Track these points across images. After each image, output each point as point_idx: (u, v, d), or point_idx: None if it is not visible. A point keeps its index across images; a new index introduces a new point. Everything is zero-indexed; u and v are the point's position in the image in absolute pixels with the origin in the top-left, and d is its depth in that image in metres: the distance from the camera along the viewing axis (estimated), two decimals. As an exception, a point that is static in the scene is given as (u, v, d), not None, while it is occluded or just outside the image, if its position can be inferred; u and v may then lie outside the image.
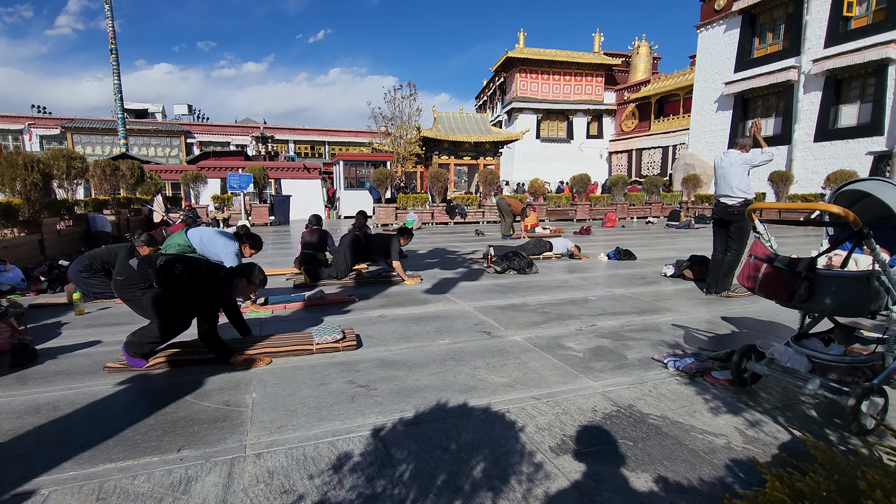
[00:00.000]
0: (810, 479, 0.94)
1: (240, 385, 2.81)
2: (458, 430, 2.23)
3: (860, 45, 16.50)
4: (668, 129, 27.55)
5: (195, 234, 4.73)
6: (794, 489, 0.92)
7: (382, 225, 16.18)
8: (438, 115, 21.88)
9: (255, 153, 26.07)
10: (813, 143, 18.37)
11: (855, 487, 0.87)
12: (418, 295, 5.29)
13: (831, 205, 2.13)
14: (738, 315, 4.39)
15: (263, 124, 36.09)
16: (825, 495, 0.89)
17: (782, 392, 2.68)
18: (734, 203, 4.93)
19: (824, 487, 0.90)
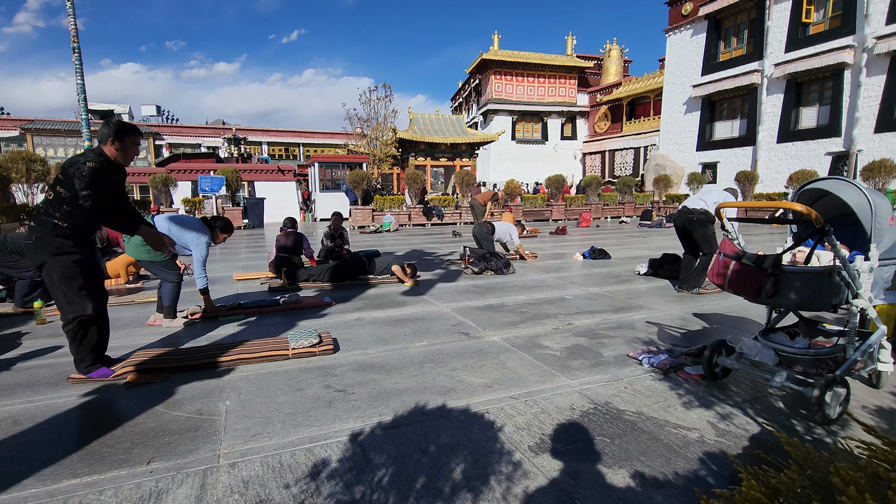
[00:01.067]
0: (785, 476, 0.96)
1: (213, 393, 2.73)
2: (437, 432, 2.22)
3: (818, 49, 17.23)
4: (640, 131, 28.18)
5: (163, 222, 4.31)
6: (769, 487, 0.94)
7: (359, 227, 16.04)
8: (414, 117, 21.85)
9: (228, 155, 25.49)
10: (776, 143, 19.07)
11: (828, 483, 0.89)
12: (396, 297, 5.26)
13: (794, 203, 2.21)
14: (708, 311, 4.52)
15: (236, 126, 35.33)
16: (799, 492, 0.91)
17: (751, 385, 2.76)
18: (696, 207, 5.06)
19: (798, 484, 0.93)
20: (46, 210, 2.76)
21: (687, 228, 5.14)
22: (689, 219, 5.11)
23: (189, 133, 35.36)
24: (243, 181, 19.07)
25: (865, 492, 0.80)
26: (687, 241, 5.29)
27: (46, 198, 2.82)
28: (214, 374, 3.02)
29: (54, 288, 2.79)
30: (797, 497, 0.90)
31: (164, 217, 4.34)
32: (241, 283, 6.23)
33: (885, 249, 2.46)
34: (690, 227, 5.10)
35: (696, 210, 5.05)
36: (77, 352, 2.89)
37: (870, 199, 2.36)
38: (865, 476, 0.88)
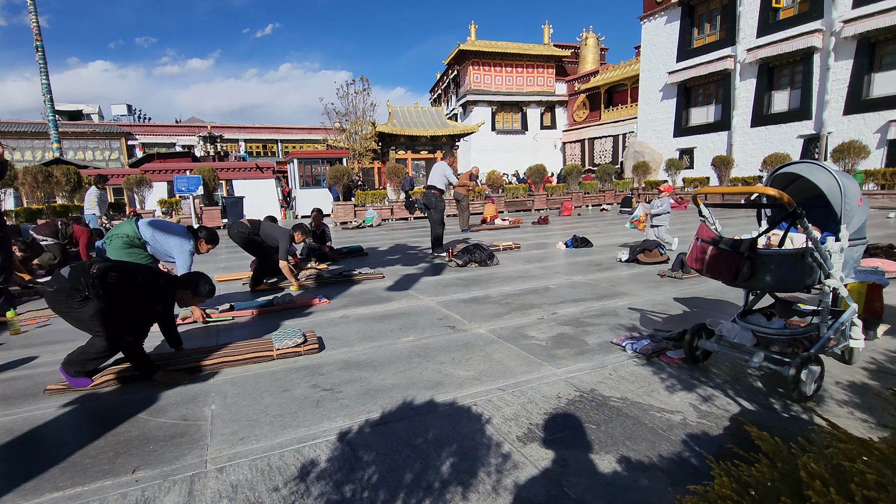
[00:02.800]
0: (755, 470, 0.99)
1: (197, 397, 2.69)
2: (425, 427, 2.23)
3: (789, 34, 17.58)
4: (618, 119, 28.44)
5: (147, 227, 4.18)
6: (741, 482, 0.97)
7: (341, 223, 15.91)
8: (393, 110, 21.68)
9: (204, 154, 24.97)
10: (750, 128, 19.46)
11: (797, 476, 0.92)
12: (381, 293, 5.25)
13: (768, 188, 2.26)
14: (688, 295, 4.61)
15: (211, 123, 34.58)
16: (769, 485, 0.93)
17: (731, 366, 2.84)
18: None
19: (768, 477, 0.95)
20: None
21: None
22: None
23: (163, 132, 34.51)
24: (221, 180, 18.72)
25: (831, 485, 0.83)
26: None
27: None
28: (199, 378, 2.98)
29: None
30: (767, 491, 0.92)
31: (146, 222, 4.22)
32: (224, 285, 6.14)
33: (855, 230, 2.53)
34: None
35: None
36: (81, 359, 2.82)
37: (839, 181, 2.42)
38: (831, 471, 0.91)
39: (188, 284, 3.16)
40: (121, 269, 2.96)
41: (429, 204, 7.88)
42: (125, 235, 4.09)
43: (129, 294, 2.89)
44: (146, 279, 2.99)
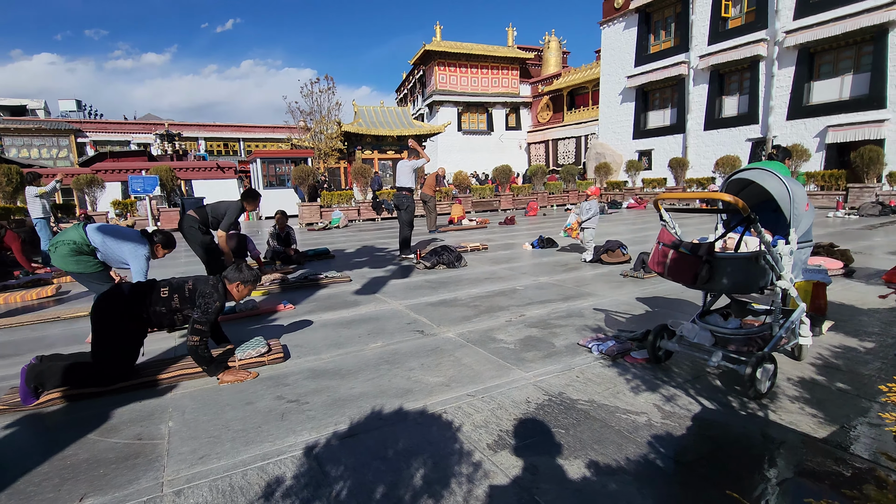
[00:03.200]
0: None
1: (154, 414, 2.56)
2: (395, 438, 2.20)
3: (737, 42, 18.45)
4: (580, 120, 29.09)
5: (96, 233, 3.92)
6: None
7: (307, 225, 15.58)
8: (359, 109, 21.41)
9: (161, 152, 23.92)
10: (703, 131, 20.31)
11: None
12: (348, 297, 5.16)
13: (724, 194, 2.35)
14: (649, 295, 4.75)
15: (168, 121, 33.15)
16: None
17: (692, 366, 2.94)
18: None
19: None
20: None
21: None
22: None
23: (116, 129, 32.83)
24: (179, 180, 17.97)
25: None
26: None
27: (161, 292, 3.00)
28: (155, 393, 2.84)
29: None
30: None
31: (95, 228, 3.95)
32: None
33: (802, 233, 2.67)
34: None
35: None
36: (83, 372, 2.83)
37: (788, 187, 2.55)
38: None
39: (235, 277, 3.14)
40: (171, 284, 3.05)
41: (399, 205, 7.82)
42: (72, 242, 3.82)
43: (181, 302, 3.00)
44: (196, 284, 3.05)
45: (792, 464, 1.89)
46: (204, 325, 2.89)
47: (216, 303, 2.97)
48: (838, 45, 15.84)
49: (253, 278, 3.19)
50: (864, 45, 15.31)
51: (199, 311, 2.91)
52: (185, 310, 3.00)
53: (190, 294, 2.99)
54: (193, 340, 2.85)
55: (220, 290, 3.03)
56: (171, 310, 2.97)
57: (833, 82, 16.29)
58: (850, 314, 3.81)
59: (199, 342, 2.86)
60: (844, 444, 2.02)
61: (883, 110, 14.76)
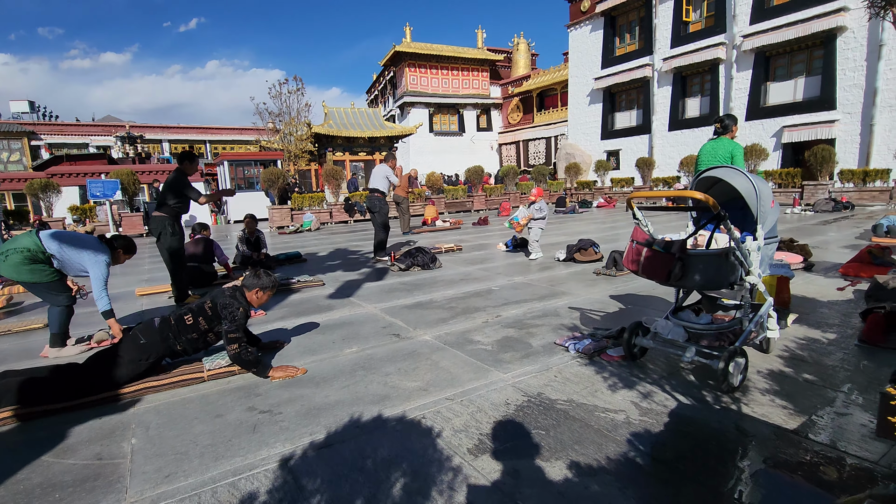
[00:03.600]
0: None
1: (115, 432, 2.42)
2: (373, 447, 2.14)
3: (697, 46, 19.07)
4: (550, 121, 29.50)
5: (52, 240, 3.68)
6: None
7: (277, 228, 15.23)
8: (329, 111, 21.11)
9: (122, 155, 23.00)
10: (668, 132, 20.91)
11: None
12: (321, 301, 5.04)
13: (696, 192, 2.39)
14: (622, 293, 4.82)
15: (129, 122, 31.88)
16: None
17: (666, 362, 2.98)
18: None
19: None
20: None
21: None
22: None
23: (73, 131, 31.41)
24: (142, 184, 17.30)
25: None
26: None
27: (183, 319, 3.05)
28: (116, 408, 2.69)
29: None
30: None
31: (50, 234, 3.71)
32: (147, 299, 5.64)
33: (768, 229, 2.75)
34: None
35: None
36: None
37: (755, 184, 2.61)
38: None
39: (254, 284, 3.17)
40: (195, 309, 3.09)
41: (372, 208, 7.70)
42: (25, 250, 3.58)
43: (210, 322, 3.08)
44: (220, 299, 3.07)
45: (766, 456, 1.93)
46: (236, 331, 2.96)
47: (240, 308, 3.04)
48: (792, 48, 16.57)
49: (272, 284, 3.23)
50: (816, 49, 16.07)
51: (227, 321, 2.97)
52: (214, 328, 3.08)
53: (213, 311, 3.06)
54: (233, 349, 2.92)
55: (238, 298, 3.09)
56: (202, 332, 3.06)
57: (788, 84, 17.03)
58: (812, 307, 3.96)
59: (239, 347, 2.93)
60: (814, 434, 2.08)
61: (833, 111, 15.52)
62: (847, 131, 15.35)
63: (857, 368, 2.73)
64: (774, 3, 16.79)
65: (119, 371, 2.82)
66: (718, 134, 4.84)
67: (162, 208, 5.08)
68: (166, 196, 5.06)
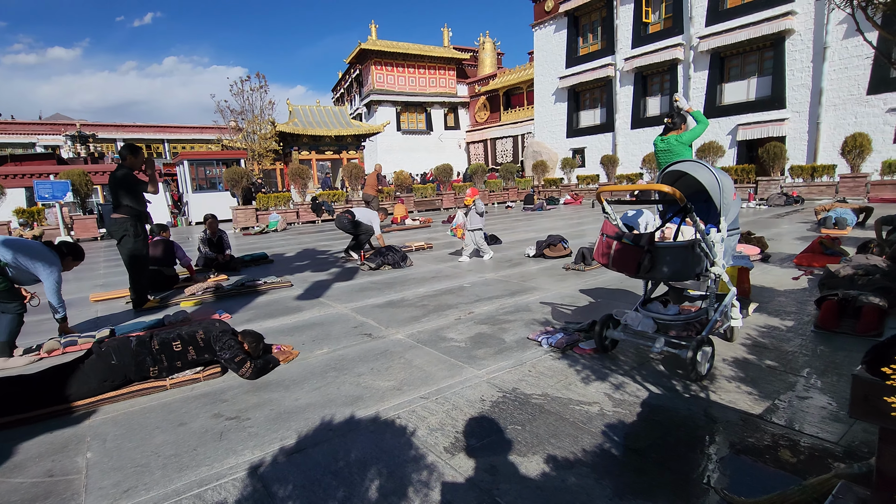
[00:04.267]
0: None
1: (67, 446, 2.27)
2: (346, 449, 2.08)
3: (657, 46, 19.65)
4: (517, 120, 29.80)
5: (5, 249, 3.51)
6: None
7: (242, 229, 14.79)
8: (294, 109, 20.64)
9: (73, 155, 21.81)
10: (630, 130, 21.46)
11: None
12: (290, 303, 4.91)
13: (663, 185, 2.44)
14: (591, 287, 4.90)
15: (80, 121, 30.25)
16: None
17: (636, 353, 3.03)
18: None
19: None
20: None
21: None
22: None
23: (17, 130, 29.65)
24: (95, 185, 16.45)
25: None
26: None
27: None
28: (69, 421, 2.52)
29: None
30: None
31: (1, 242, 3.49)
32: (102, 305, 5.35)
33: (731, 221, 2.83)
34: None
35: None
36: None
37: (718, 178, 2.69)
38: None
39: (251, 339, 3.15)
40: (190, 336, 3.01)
41: (344, 229, 7.48)
42: None
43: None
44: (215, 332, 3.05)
45: (733, 440, 1.98)
46: (238, 353, 2.93)
47: (236, 336, 3.07)
48: (745, 50, 17.29)
49: (257, 341, 3.14)
50: (767, 51, 16.82)
51: (228, 352, 2.93)
52: (201, 359, 2.99)
53: (205, 343, 2.98)
54: (246, 369, 2.90)
55: (229, 332, 3.07)
56: (188, 362, 2.96)
57: (741, 84, 17.76)
58: (770, 296, 4.13)
59: (251, 367, 2.91)
60: (778, 418, 2.15)
61: (783, 110, 16.29)
62: (796, 129, 16.14)
63: (814, 353, 2.86)
64: (728, 6, 17.46)
65: (81, 389, 2.65)
66: (668, 130, 4.97)
67: (119, 209, 4.83)
68: (119, 196, 4.83)
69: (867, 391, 1.07)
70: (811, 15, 15.30)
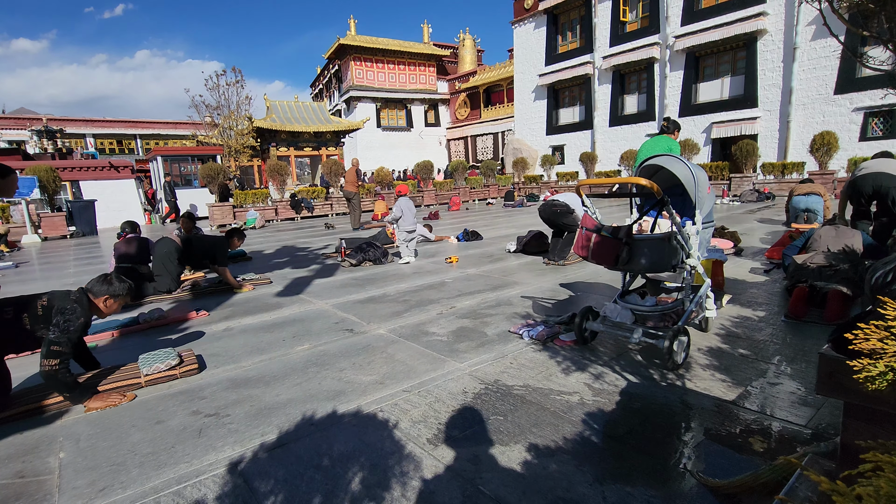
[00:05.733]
0: None
1: (39, 446, 2.20)
2: (329, 443, 2.07)
3: (634, 45, 19.95)
4: (497, 117, 29.93)
5: None
6: None
7: (219, 226, 14.50)
8: (272, 104, 20.31)
9: (40, 150, 21.01)
10: (609, 127, 21.77)
11: None
12: (269, 300, 4.84)
13: (641, 178, 2.49)
14: (571, 280, 4.97)
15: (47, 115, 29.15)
16: None
17: (615, 344, 3.09)
18: (559, 201, 5.80)
19: None
20: None
21: (551, 219, 5.92)
22: (553, 211, 5.85)
23: (-24, 125, 28.38)
24: (64, 181, 15.90)
25: None
26: (552, 226, 6.05)
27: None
28: (40, 421, 2.45)
29: None
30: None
31: None
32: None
33: (706, 214, 2.91)
34: (555, 217, 5.86)
35: (559, 203, 5.83)
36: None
37: (693, 172, 2.75)
38: None
39: (102, 291, 2.74)
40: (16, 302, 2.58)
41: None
42: None
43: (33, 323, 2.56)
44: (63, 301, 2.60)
45: (708, 426, 2.04)
46: (64, 345, 2.48)
47: (80, 319, 2.58)
48: (718, 49, 17.69)
49: (124, 291, 2.80)
50: (739, 51, 17.24)
51: (58, 329, 2.48)
52: (38, 331, 2.52)
53: (45, 311, 2.54)
54: (51, 364, 2.42)
55: (84, 305, 2.63)
56: (22, 332, 2.50)
57: (715, 83, 18.17)
58: (742, 288, 4.25)
59: (59, 365, 2.44)
60: (750, 403, 2.22)
61: (755, 109, 16.74)
62: (767, 127, 16.61)
63: (784, 342, 2.96)
64: (703, 6, 17.83)
65: None
66: (662, 132, 5.09)
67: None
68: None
69: (832, 368, 1.12)
70: (782, 16, 15.74)
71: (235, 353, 3.31)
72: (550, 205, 5.91)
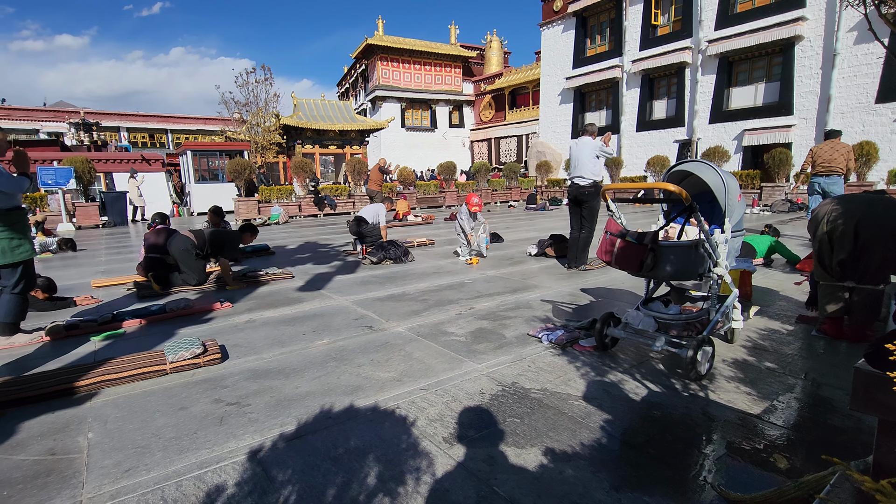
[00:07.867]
0: None
1: (69, 426, 2.28)
2: (346, 436, 2.09)
3: (665, 49, 19.58)
4: (522, 119, 29.76)
5: None
6: None
7: (244, 220, 14.81)
8: (299, 102, 20.66)
9: (77, 142, 21.85)
10: (636, 132, 21.42)
11: None
12: (291, 294, 4.92)
13: (669, 184, 2.44)
14: (593, 286, 4.91)
15: (84, 109, 30.26)
16: None
17: (636, 351, 3.04)
18: (585, 184, 5.48)
19: None
20: None
21: (580, 200, 5.61)
22: (581, 192, 5.56)
23: (22, 116, 29.66)
24: (98, 173, 16.48)
25: None
26: (575, 215, 5.76)
27: None
28: (71, 402, 2.54)
29: None
30: None
31: None
32: (103, 291, 5.37)
33: (735, 223, 2.83)
34: (583, 198, 5.57)
35: (587, 185, 5.50)
36: None
37: (723, 178, 2.69)
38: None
39: None
40: None
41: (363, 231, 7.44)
42: None
43: None
44: None
45: (731, 439, 1.99)
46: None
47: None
48: (753, 55, 17.22)
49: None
50: (775, 56, 16.76)
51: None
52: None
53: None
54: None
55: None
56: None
57: (749, 89, 17.70)
58: (771, 299, 4.13)
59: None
60: (775, 418, 2.16)
61: (791, 116, 16.24)
62: (803, 136, 16.09)
63: (813, 356, 2.86)
64: (738, 10, 17.40)
65: None
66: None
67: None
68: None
69: (868, 383, 1.08)
70: (822, 21, 15.23)
71: (257, 345, 3.37)
72: (577, 186, 5.59)
